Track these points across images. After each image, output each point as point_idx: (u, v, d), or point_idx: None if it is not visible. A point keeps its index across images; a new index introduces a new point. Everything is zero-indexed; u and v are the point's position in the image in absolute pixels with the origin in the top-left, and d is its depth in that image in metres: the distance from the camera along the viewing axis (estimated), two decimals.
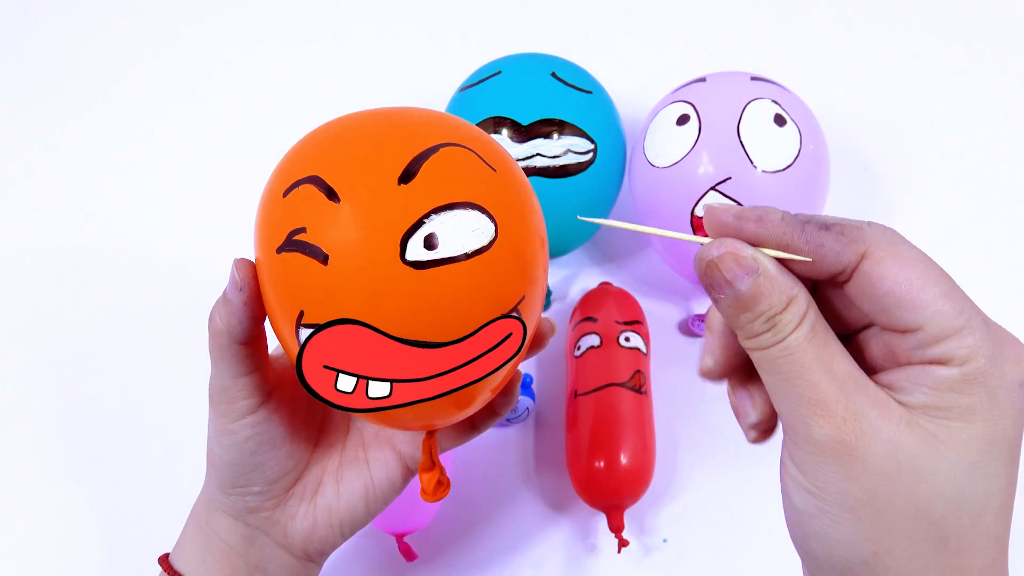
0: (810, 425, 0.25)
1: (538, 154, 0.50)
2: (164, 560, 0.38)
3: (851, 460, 0.24)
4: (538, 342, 0.36)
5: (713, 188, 0.48)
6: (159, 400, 0.55)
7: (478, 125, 0.51)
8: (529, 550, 0.49)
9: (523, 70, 0.53)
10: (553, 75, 0.52)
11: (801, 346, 0.25)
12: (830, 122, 0.54)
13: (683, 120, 0.50)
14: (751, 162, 0.47)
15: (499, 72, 0.53)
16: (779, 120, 0.48)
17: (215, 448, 0.35)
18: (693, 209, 0.49)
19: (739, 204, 0.47)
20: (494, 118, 0.51)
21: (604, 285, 0.54)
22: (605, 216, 0.55)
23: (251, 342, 0.33)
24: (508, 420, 0.52)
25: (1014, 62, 0.66)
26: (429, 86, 0.63)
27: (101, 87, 0.70)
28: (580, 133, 0.51)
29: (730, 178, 0.48)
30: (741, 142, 0.48)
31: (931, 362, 0.25)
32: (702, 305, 0.56)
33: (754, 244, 0.27)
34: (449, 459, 0.50)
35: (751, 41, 0.68)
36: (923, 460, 0.24)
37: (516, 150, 0.50)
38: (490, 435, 0.52)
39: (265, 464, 0.35)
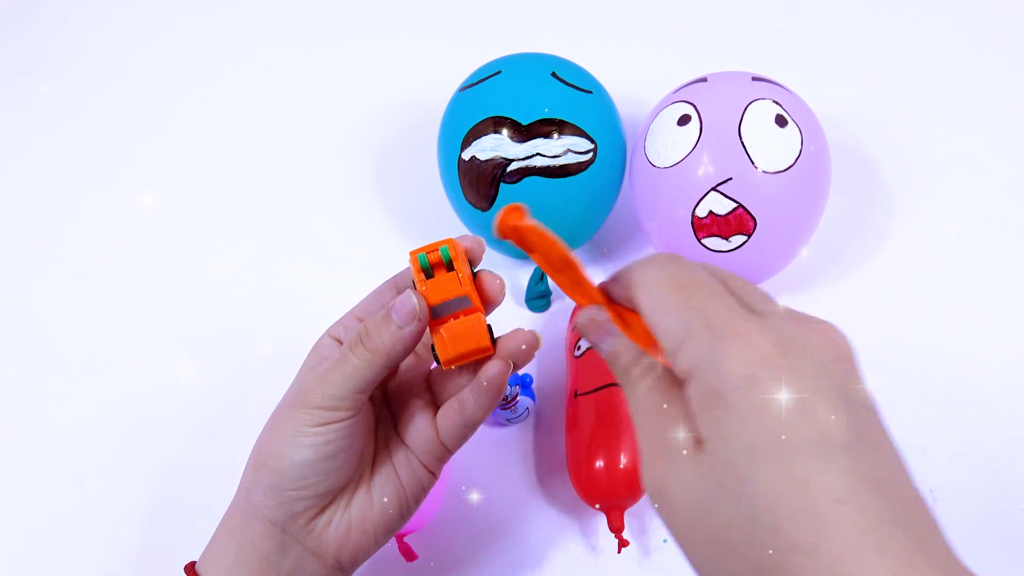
0: (641, 468, 0.27)
1: (538, 154, 0.50)
2: (190, 568, 0.37)
3: (664, 504, 0.25)
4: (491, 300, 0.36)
5: (714, 189, 0.48)
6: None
7: (478, 125, 0.51)
8: (529, 550, 0.49)
9: (523, 70, 0.53)
10: (553, 75, 0.52)
11: (642, 395, 0.28)
12: (831, 122, 0.54)
13: (684, 120, 0.50)
14: (752, 163, 0.47)
15: (499, 72, 0.53)
16: (780, 121, 0.48)
17: (284, 449, 0.35)
18: (694, 209, 0.49)
19: (740, 205, 0.48)
20: (494, 118, 0.50)
21: None
22: (607, 213, 0.55)
23: (396, 368, 0.35)
24: (508, 420, 0.52)
25: (1015, 62, 0.66)
26: (429, 86, 0.63)
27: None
28: (580, 133, 0.51)
29: (731, 179, 0.48)
30: (742, 142, 0.48)
31: (683, 381, 0.25)
32: None
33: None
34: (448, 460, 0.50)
35: (752, 41, 0.68)
36: (706, 496, 0.24)
37: (516, 150, 0.50)
38: (490, 435, 0.52)
39: (333, 470, 0.35)
